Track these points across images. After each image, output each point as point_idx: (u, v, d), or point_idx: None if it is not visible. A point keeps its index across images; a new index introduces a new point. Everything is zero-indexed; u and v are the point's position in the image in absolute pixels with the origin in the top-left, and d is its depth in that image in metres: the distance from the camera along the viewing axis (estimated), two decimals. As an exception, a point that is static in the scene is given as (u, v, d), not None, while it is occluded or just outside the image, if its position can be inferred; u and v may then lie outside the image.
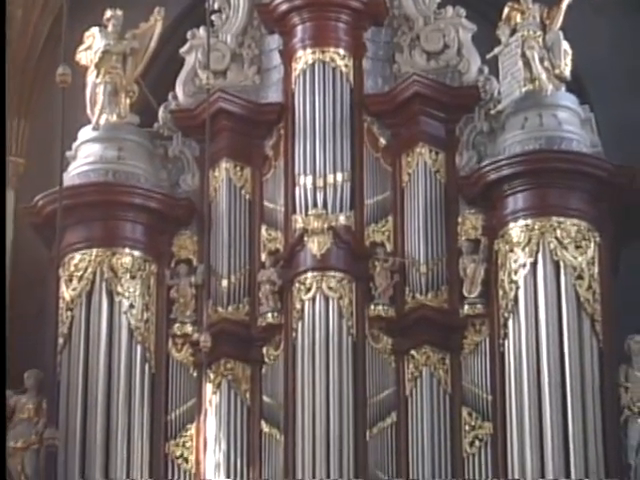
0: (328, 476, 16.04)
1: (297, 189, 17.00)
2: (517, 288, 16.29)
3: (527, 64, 17.02)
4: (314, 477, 16.06)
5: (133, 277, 16.92)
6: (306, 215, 16.82)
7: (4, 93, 13.33)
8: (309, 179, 16.94)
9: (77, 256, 16.90)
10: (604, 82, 18.04)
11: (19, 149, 18.36)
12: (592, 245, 16.47)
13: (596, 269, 16.38)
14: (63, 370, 16.61)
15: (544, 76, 16.98)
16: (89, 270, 16.83)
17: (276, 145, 17.36)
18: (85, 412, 16.45)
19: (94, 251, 16.88)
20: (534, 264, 16.28)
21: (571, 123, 16.86)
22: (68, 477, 16.29)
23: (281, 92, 17.53)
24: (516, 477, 15.81)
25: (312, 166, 16.97)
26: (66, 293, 16.85)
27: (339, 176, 16.94)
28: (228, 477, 16.39)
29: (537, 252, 16.29)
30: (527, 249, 16.32)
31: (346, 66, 17.46)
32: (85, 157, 17.26)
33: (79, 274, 16.88)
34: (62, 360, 16.64)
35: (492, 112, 17.16)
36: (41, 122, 18.12)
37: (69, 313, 16.79)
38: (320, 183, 16.88)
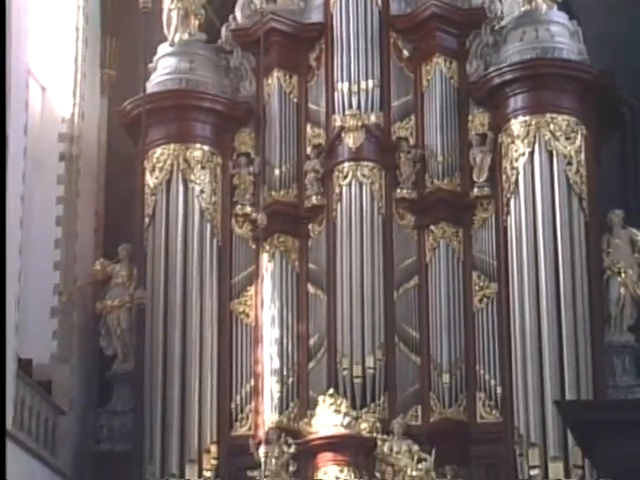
0: (362, 328, 15.27)
1: (336, 93, 16.06)
2: (517, 173, 15.46)
3: (525, -12, 16.14)
4: (351, 329, 15.28)
5: (203, 167, 16.05)
6: (343, 115, 15.90)
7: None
8: (345, 85, 15.99)
9: (158, 150, 16.08)
10: (589, 1, 16.71)
11: (111, 63, 17.19)
12: (579, 136, 15.54)
13: (583, 156, 15.50)
14: (149, 243, 15.88)
15: (539, -2, 16.11)
16: (168, 162, 16.04)
17: (318, 57, 16.35)
18: (167, 277, 15.70)
19: (172, 146, 16.06)
20: (531, 153, 15.45)
21: (562, 35, 15.92)
22: (154, 329, 15.57)
23: (322, 14, 16.44)
24: (517, 328, 14.91)
25: (348, 74, 16.02)
26: (150, 181, 16.08)
27: (370, 82, 15.98)
28: (281, 330, 15.53)
29: (534, 143, 15.44)
30: (526, 141, 15.46)
31: (376, -8, 16.52)
32: (163, 69, 16.38)
33: (160, 165, 16.07)
34: (148, 235, 15.91)
35: (496, 28, 16.17)
36: (128, 40, 16.91)
37: (153, 197, 16.05)
38: (355, 88, 15.96)
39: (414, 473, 14.20)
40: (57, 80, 16.22)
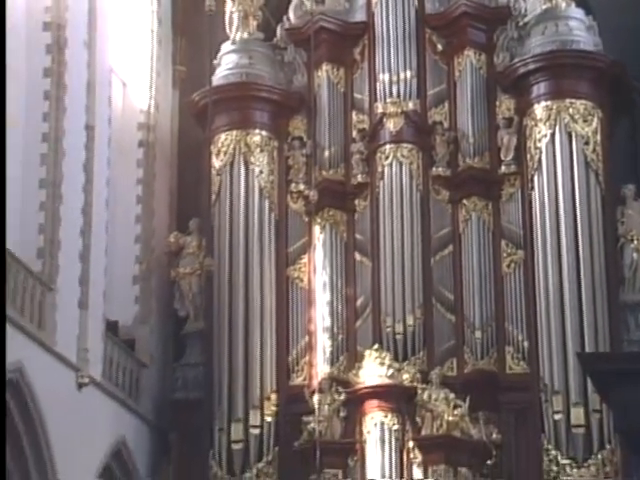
0: (403, 291, 14.99)
1: (378, 83, 15.72)
2: (540, 153, 15.12)
3: (546, -12, 15.70)
4: (394, 291, 14.97)
5: (262, 151, 15.75)
6: (384, 102, 15.58)
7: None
8: (386, 76, 15.64)
9: (222, 136, 15.80)
10: (604, -1, 16.51)
11: (181, 60, 16.85)
12: (595, 119, 15.16)
13: (599, 137, 15.12)
14: (215, 218, 15.66)
15: (558, -4, 15.67)
16: (231, 146, 15.75)
17: (362, 52, 16.02)
18: (231, 247, 15.47)
19: (234, 132, 15.77)
20: (553, 134, 15.08)
21: (579, 29, 15.53)
22: (220, 293, 15.36)
23: (365, 14, 16.12)
24: (541, 289, 14.58)
25: (388, 66, 15.69)
26: (216, 163, 15.81)
27: (408, 73, 15.63)
28: (332, 293, 15.23)
29: (555, 125, 15.08)
30: (547, 123, 15.10)
31: (412, -7, 16.12)
32: (226, 64, 16.09)
33: (224, 149, 15.77)
34: (214, 211, 15.70)
35: (520, 24, 15.79)
36: (196, 40, 16.66)
37: (218, 178, 15.77)
38: (394, 78, 15.61)
39: (450, 418, 13.94)
40: (135, 76, 16.08)
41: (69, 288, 13.06)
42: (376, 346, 14.56)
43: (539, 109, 14.99)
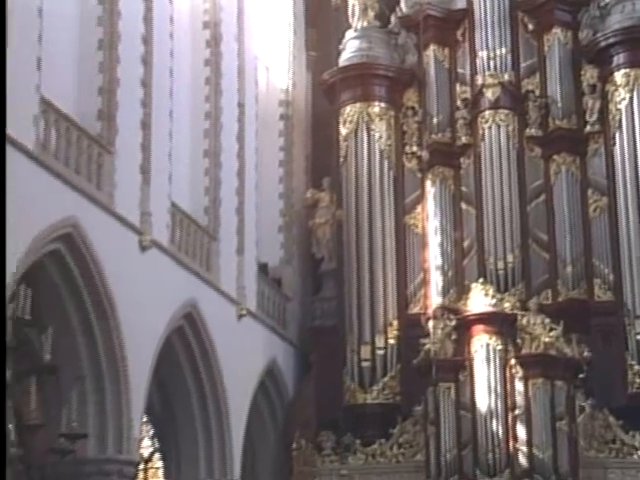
0: (504, 233, 14.56)
1: (477, 59, 15.20)
2: (620, 114, 14.51)
3: (624, -27, 14.85)
4: (495, 234, 14.55)
5: (381, 119, 15.41)
6: (484, 75, 15.06)
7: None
8: (485, 53, 15.11)
9: (348, 108, 15.52)
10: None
11: (313, 46, 16.46)
12: None
13: None
14: (344, 176, 15.39)
15: (635, -21, 14.81)
16: (355, 116, 15.45)
17: (463, 34, 15.46)
18: (357, 200, 15.22)
19: (357, 105, 15.47)
20: (631, 98, 14.46)
21: None
22: (349, 238, 15.18)
23: (465, 1, 15.47)
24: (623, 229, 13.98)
25: (486, 45, 15.12)
26: (343, 130, 15.55)
27: (504, 50, 15.06)
28: (442, 236, 14.85)
29: (633, 90, 14.42)
30: (626, 88, 14.45)
31: (507, -17, 15.43)
32: (350, 48, 15.76)
33: (349, 119, 15.48)
34: (343, 171, 15.45)
35: (601, 4, 15.05)
36: (325, 29, 16.27)
37: (345, 143, 15.53)
38: (492, 55, 15.07)
39: (547, 339, 13.55)
40: (276, 62, 15.94)
41: (229, 237, 13.20)
42: (481, 280, 14.19)
43: (619, 76, 14.32)
